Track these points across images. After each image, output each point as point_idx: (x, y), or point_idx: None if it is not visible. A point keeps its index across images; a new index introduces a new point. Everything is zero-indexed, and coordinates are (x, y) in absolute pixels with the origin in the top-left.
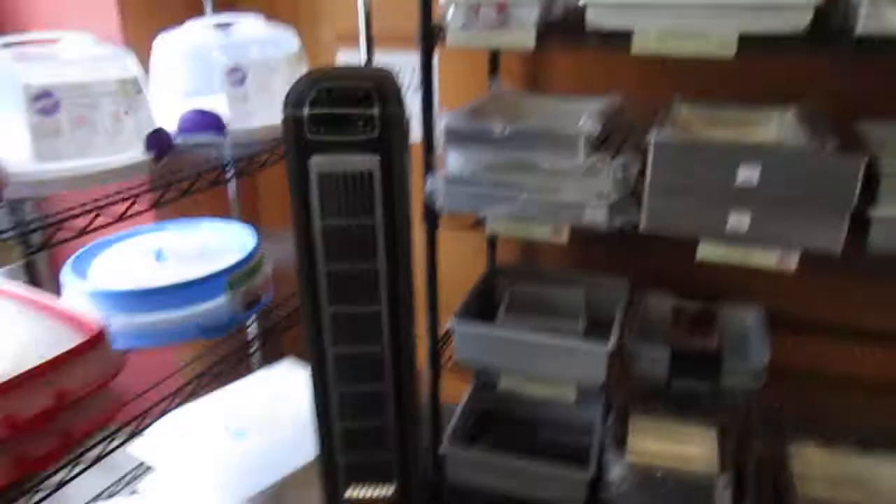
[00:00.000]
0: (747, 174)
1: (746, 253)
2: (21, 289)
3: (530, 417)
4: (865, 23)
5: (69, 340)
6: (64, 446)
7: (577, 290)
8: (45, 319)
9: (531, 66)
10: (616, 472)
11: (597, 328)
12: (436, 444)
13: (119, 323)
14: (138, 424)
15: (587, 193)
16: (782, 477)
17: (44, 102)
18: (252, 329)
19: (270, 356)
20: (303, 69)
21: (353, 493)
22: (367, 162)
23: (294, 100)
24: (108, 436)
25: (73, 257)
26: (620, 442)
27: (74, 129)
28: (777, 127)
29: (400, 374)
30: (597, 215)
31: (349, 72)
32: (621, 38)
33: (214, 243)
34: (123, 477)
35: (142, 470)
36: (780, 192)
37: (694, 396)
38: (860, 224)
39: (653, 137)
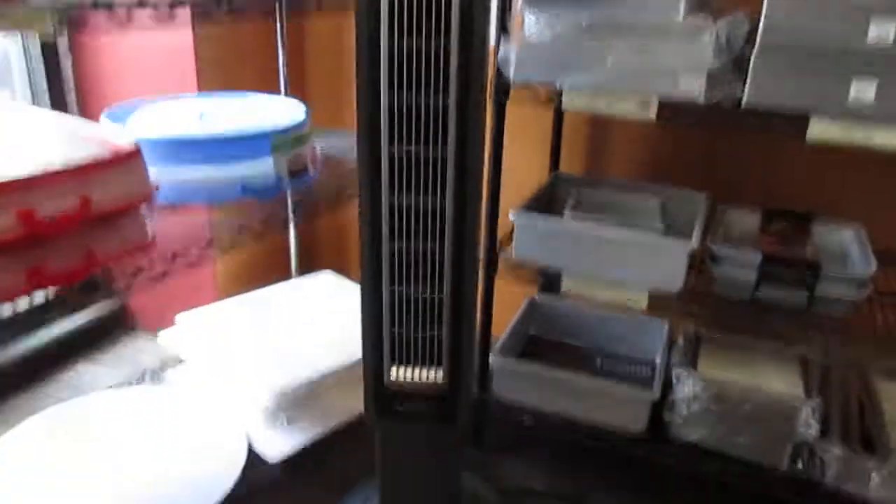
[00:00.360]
0: (880, 32)
1: (868, 132)
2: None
3: (586, 345)
4: None
5: (100, 154)
6: (87, 266)
7: (651, 198)
8: (79, 136)
9: None
10: (685, 389)
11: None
12: (485, 357)
13: (159, 175)
14: (168, 267)
15: (684, 58)
16: (869, 410)
17: None
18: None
19: (307, 267)
20: None
21: (398, 374)
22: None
23: None
24: (135, 272)
25: (110, 108)
26: (690, 364)
27: None
28: None
29: (463, 237)
30: (693, 85)
31: None
32: None
33: (262, 111)
34: (150, 369)
35: (168, 363)
36: None
37: (784, 312)
38: None
39: None
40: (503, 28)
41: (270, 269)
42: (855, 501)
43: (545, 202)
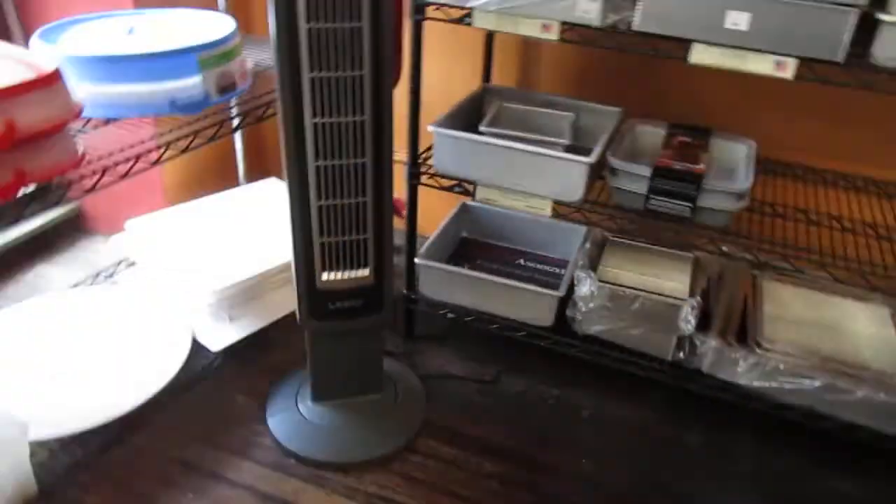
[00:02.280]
0: None
1: (743, 57)
2: None
3: (513, 246)
4: None
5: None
6: (16, 184)
7: (566, 112)
8: (6, 61)
9: None
10: (584, 288)
11: (584, 151)
12: (411, 259)
13: (89, 91)
14: (97, 180)
15: None
16: (750, 312)
17: None
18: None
19: (256, 174)
20: None
21: (329, 275)
22: None
23: None
24: (66, 184)
25: (43, 28)
26: (594, 267)
27: None
28: None
29: (380, 150)
30: (590, 9)
31: None
32: None
33: (192, 27)
34: (106, 269)
35: (123, 267)
36: None
37: (672, 221)
38: (867, 29)
39: None
40: None
41: (219, 177)
42: (727, 386)
43: (470, 113)
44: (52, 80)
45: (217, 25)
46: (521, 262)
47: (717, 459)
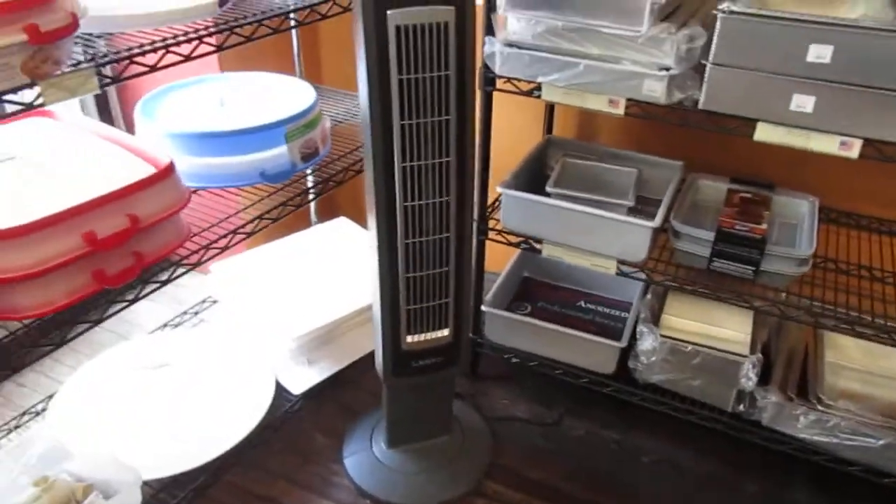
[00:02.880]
0: (820, 52)
1: (807, 136)
2: (100, 126)
3: (573, 288)
4: None
5: (142, 172)
6: (137, 266)
7: (630, 168)
8: (121, 153)
9: None
10: (647, 343)
11: (648, 206)
12: (478, 306)
13: (185, 164)
14: (202, 256)
15: (648, 64)
16: (811, 365)
17: None
18: (312, 181)
19: (325, 213)
20: None
21: (413, 338)
22: (443, 13)
23: None
24: (177, 262)
25: (142, 99)
26: (656, 317)
27: None
28: (865, 5)
29: (463, 224)
30: (656, 88)
31: None
32: None
33: (275, 95)
34: (192, 307)
35: (208, 304)
36: (852, 74)
37: (735, 279)
38: None
39: (722, 7)
40: (489, 27)
41: (293, 216)
42: (786, 438)
43: (535, 166)
44: (167, 174)
45: (299, 93)
46: (583, 303)
47: None
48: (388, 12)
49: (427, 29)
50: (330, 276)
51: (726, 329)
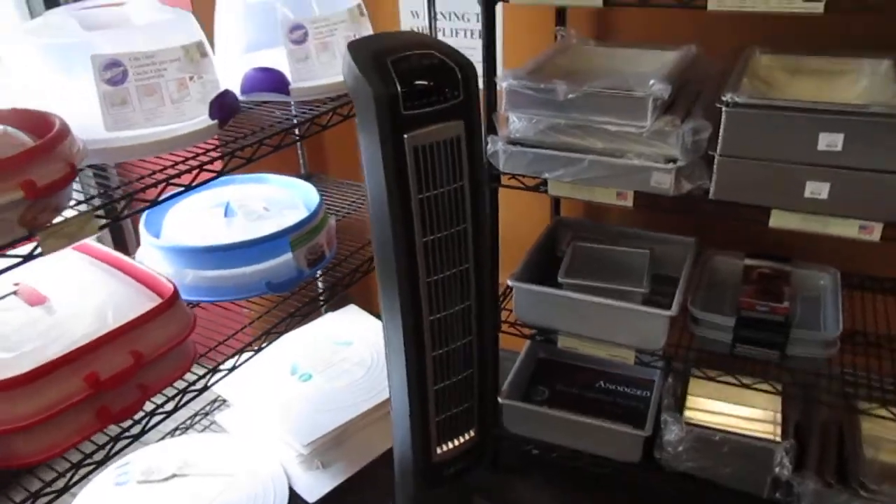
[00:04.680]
0: (830, 140)
1: (825, 222)
2: (99, 247)
3: (591, 368)
4: None
5: (144, 302)
6: (142, 399)
7: (642, 248)
8: (121, 280)
9: (600, 14)
10: (673, 432)
11: (663, 286)
12: (494, 396)
13: (190, 277)
14: (209, 380)
15: (654, 157)
16: (849, 443)
17: (112, 72)
18: (321, 281)
19: (335, 301)
20: (366, 25)
21: (443, 448)
22: (455, 127)
23: (381, 77)
24: (183, 390)
25: (148, 210)
26: (679, 402)
27: (142, 97)
28: (869, 79)
29: (483, 327)
30: (663, 180)
31: (409, 38)
32: None
33: (280, 199)
34: (203, 408)
35: (219, 404)
36: (866, 160)
37: (759, 361)
38: None
39: (725, 100)
40: (490, 127)
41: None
42: None
43: (546, 249)
44: (170, 304)
45: (303, 197)
46: (602, 384)
47: None
48: (406, 136)
49: (441, 145)
50: (341, 370)
51: (755, 409)
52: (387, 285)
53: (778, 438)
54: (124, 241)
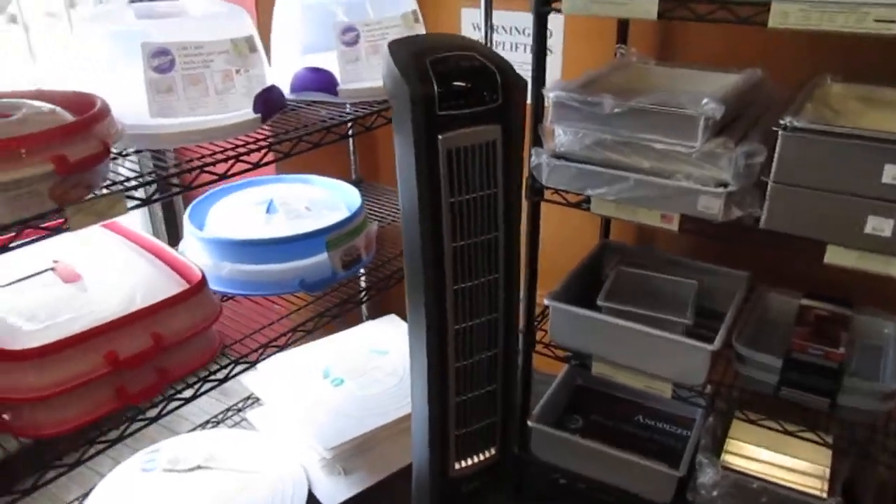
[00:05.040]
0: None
1: (887, 261)
2: (138, 232)
3: (630, 400)
4: None
5: (173, 287)
6: (160, 383)
7: (689, 278)
8: (154, 265)
9: (665, 33)
10: (708, 475)
11: (710, 319)
12: (524, 418)
13: (227, 270)
14: (230, 370)
15: (703, 180)
16: None
17: (160, 60)
18: (359, 283)
19: (376, 310)
20: (419, 29)
21: (461, 464)
22: (492, 132)
23: (418, 76)
24: (204, 378)
25: (193, 202)
26: (718, 443)
27: (187, 86)
28: None
29: (510, 339)
30: (712, 205)
31: (451, 40)
32: (756, 9)
33: (322, 200)
34: (236, 404)
35: (252, 401)
36: None
37: (807, 409)
38: None
39: (783, 123)
40: (535, 139)
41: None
42: None
43: (588, 273)
44: (195, 291)
45: (346, 199)
46: (640, 418)
47: None
48: (440, 137)
49: (476, 149)
50: (373, 378)
51: (801, 460)
52: (414, 290)
53: (824, 494)
54: (177, 231)
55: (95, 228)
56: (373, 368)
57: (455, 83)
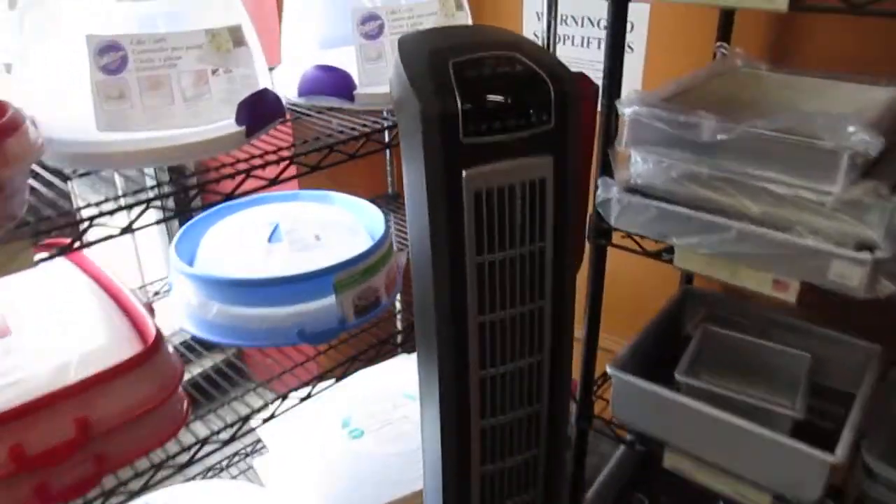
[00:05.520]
0: None
1: None
2: (104, 272)
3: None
4: None
5: (119, 350)
6: (97, 475)
7: (799, 347)
8: (108, 315)
9: (780, 29)
10: None
11: (828, 403)
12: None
13: (214, 311)
14: (194, 453)
15: (839, 238)
16: None
17: (109, 57)
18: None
19: (411, 345)
20: (462, 19)
21: None
22: (539, 167)
23: (434, 86)
24: (157, 465)
25: (187, 224)
26: None
27: (144, 91)
28: None
29: (555, 441)
30: (851, 274)
31: (488, 34)
32: None
33: (339, 224)
34: (245, 447)
35: (261, 445)
36: None
37: None
38: None
39: None
40: (605, 165)
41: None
42: None
43: (665, 330)
44: (142, 359)
45: (367, 223)
46: None
47: None
48: (465, 173)
49: (515, 190)
50: (397, 432)
51: None
52: (427, 371)
53: None
54: None
55: (61, 269)
56: (399, 418)
57: (488, 97)
